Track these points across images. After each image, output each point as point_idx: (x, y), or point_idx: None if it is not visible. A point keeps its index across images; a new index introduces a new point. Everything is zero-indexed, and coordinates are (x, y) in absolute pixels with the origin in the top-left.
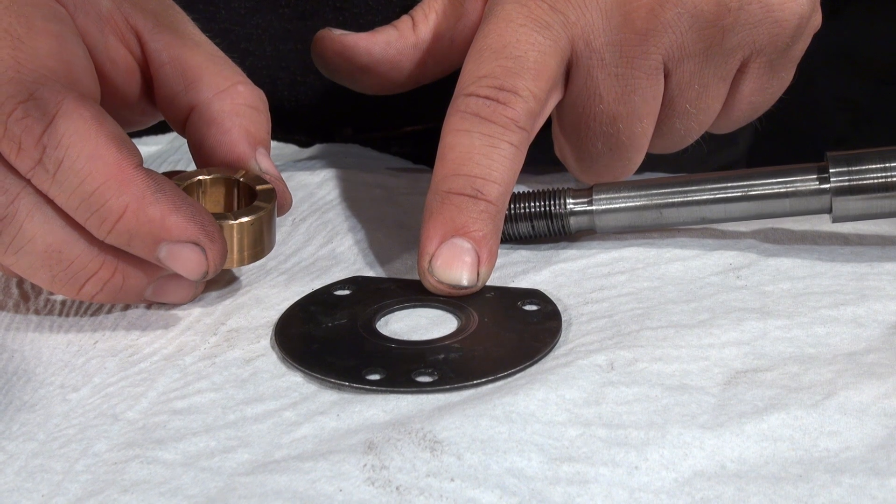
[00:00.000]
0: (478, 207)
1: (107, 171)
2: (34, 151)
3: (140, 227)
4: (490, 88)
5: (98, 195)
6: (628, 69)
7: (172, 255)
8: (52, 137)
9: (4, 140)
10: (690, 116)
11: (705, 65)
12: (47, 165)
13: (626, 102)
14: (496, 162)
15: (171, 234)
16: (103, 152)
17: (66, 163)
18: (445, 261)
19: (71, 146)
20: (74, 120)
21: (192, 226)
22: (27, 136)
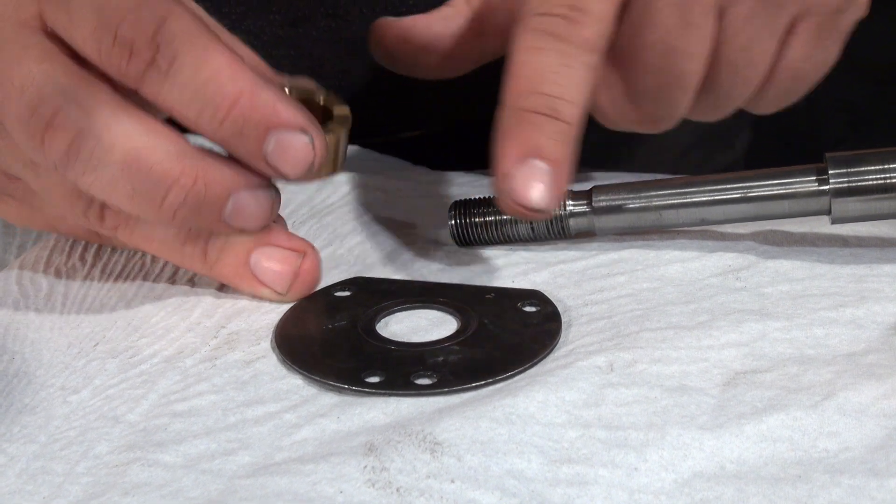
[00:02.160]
0: (555, 128)
1: (220, 60)
2: (147, 52)
3: (253, 113)
4: (562, 7)
5: (214, 82)
6: (684, 1)
7: (281, 145)
8: (164, 35)
9: (115, 50)
10: (737, 70)
11: (758, 10)
12: (160, 63)
13: (681, 36)
14: (573, 81)
15: (281, 119)
16: (215, 45)
17: (181, 57)
18: (522, 182)
19: (185, 41)
20: (185, 20)
21: (300, 114)
22: (141, 36)
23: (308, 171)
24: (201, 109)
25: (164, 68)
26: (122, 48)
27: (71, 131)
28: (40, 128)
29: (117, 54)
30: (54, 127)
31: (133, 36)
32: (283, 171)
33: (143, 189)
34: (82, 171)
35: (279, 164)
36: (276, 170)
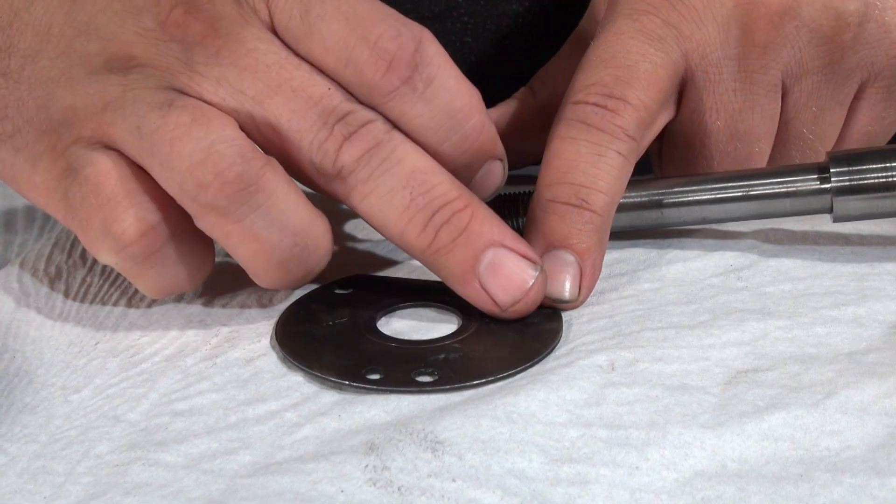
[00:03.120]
0: (582, 218)
1: (470, 90)
2: (405, 69)
3: (484, 145)
4: (599, 96)
5: (466, 113)
6: (747, 84)
7: (489, 172)
8: (423, 56)
9: (369, 61)
10: (807, 143)
11: (823, 84)
12: (416, 83)
13: (745, 120)
14: (603, 171)
15: (497, 150)
16: (462, 76)
17: (439, 80)
18: (547, 273)
19: (442, 66)
20: (438, 45)
21: (500, 143)
22: (402, 52)
23: (495, 194)
24: (448, 136)
25: (420, 89)
26: (381, 60)
27: (371, 141)
28: (344, 133)
29: (372, 65)
30: (359, 135)
31: (394, 50)
32: (479, 194)
33: (421, 202)
34: (367, 176)
35: (479, 188)
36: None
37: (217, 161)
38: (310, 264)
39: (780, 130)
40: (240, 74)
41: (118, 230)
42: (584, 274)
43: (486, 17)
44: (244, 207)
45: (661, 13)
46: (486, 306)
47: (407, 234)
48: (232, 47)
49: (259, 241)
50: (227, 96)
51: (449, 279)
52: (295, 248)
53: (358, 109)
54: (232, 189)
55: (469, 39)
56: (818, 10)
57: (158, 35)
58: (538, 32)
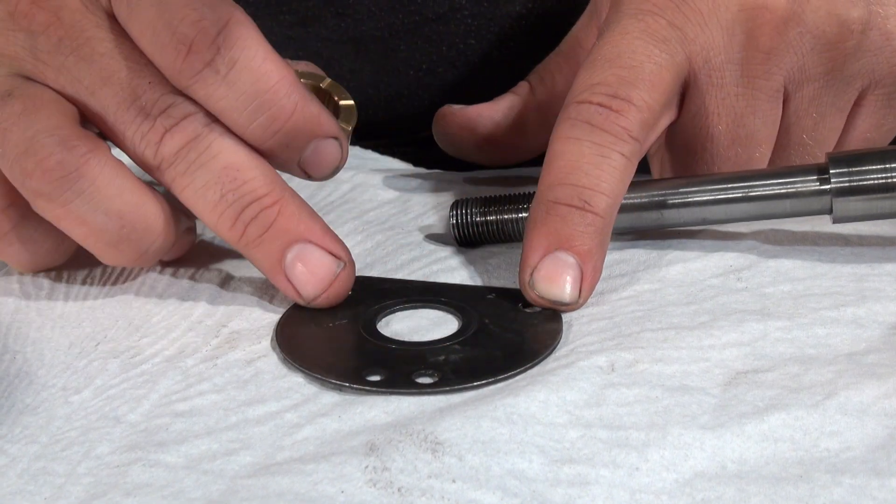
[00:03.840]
0: (584, 220)
1: (280, 71)
2: (207, 52)
3: (303, 125)
4: (603, 96)
5: (273, 93)
6: (750, 89)
7: (318, 151)
8: (226, 39)
9: (170, 45)
10: (806, 148)
11: (824, 91)
12: (219, 66)
13: (746, 125)
14: (606, 172)
15: (323, 129)
16: (272, 55)
17: (242, 62)
18: (547, 275)
19: (247, 47)
20: (246, 26)
21: (333, 121)
22: (202, 36)
23: (335, 172)
24: (254, 118)
25: (222, 72)
26: (181, 44)
27: (190, 134)
28: (165, 125)
29: (173, 50)
30: (179, 128)
31: (193, 34)
32: (313, 174)
33: (230, 198)
34: (184, 169)
35: (311, 169)
36: (307, 173)
37: (38, 150)
38: (144, 245)
39: (780, 135)
40: (77, 63)
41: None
42: (584, 276)
43: (490, 18)
44: (68, 193)
45: (667, 14)
46: (295, 298)
47: (219, 227)
48: (72, 36)
49: (86, 224)
50: (67, 84)
51: (260, 270)
52: (123, 230)
53: (179, 102)
54: (53, 176)
55: (472, 41)
56: (822, 17)
57: (9, 25)
58: (541, 34)
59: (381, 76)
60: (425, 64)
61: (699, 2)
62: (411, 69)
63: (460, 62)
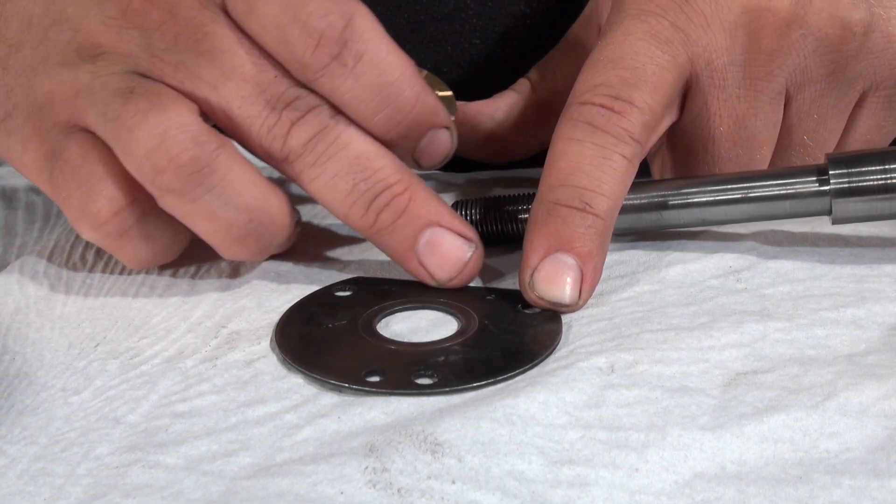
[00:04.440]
0: (585, 222)
1: (403, 63)
2: (334, 46)
3: (423, 115)
4: (605, 97)
5: (398, 85)
6: (752, 91)
7: (433, 141)
8: (353, 32)
9: (299, 39)
10: (807, 150)
11: (826, 93)
12: (346, 59)
13: (748, 126)
14: (607, 174)
15: (439, 120)
16: (395, 48)
17: (369, 55)
18: (547, 276)
19: (372, 40)
20: (370, 19)
21: (446, 112)
22: (330, 30)
23: (444, 161)
24: (380, 109)
25: (350, 65)
26: (309, 38)
27: (318, 126)
28: (292, 118)
29: (302, 44)
30: (306, 120)
31: (323, 27)
32: (425, 163)
33: (363, 187)
34: (313, 161)
35: (424, 158)
36: (418, 162)
37: (171, 146)
38: (267, 239)
39: (781, 137)
40: (196, 59)
41: (93, 210)
42: (584, 277)
43: (495, 18)
44: (199, 188)
45: (670, 16)
46: (427, 281)
47: (351, 216)
48: (189, 32)
49: (216, 220)
50: (186, 80)
51: (392, 256)
52: (251, 224)
53: (304, 95)
54: (185, 172)
55: (477, 41)
56: (824, 20)
57: (121, 23)
58: (546, 33)
59: None
60: (430, 64)
61: (702, 3)
62: None
63: (465, 62)
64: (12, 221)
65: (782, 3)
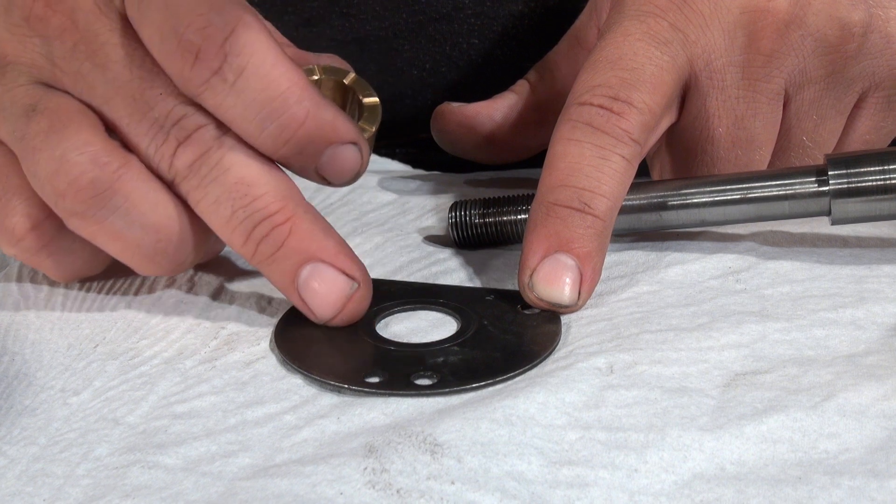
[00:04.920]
0: (584, 222)
1: (290, 76)
2: (214, 60)
3: (317, 132)
4: (604, 98)
5: (282, 101)
6: (750, 92)
7: (334, 158)
8: (234, 45)
9: (177, 52)
10: (806, 150)
11: (825, 93)
12: (226, 74)
13: (747, 127)
14: (606, 175)
15: (339, 135)
16: (282, 60)
17: (250, 69)
18: (546, 276)
19: (255, 53)
20: (255, 30)
21: (352, 126)
22: (208, 44)
23: (356, 178)
24: (264, 125)
25: (230, 80)
26: (187, 52)
27: (202, 147)
28: (178, 138)
29: (180, 58)
30: (191, 141)
31: (200, 42)
32: (332, 180)
33: (241, 215)
34: (197, 184)
35: (329, 175)
36: (325, 179)
37: (69, 169)
38: (181, 256)
39: (780, 138)
40: (92, 70)
41: (9, 225)
42: (584, 278)
43: (493, 17)
44: (102, 210)
45: (669, 16)
46: (310, 317)
47: (233, 243)
48: (87, 40)
49: (122, 240)
50: (84, 91)
51: (275, 287)
52: (159, 243)
53: (191, 114)
54: (86, 195)
55: (476, 41)
56: (823, 20)
57: (24, 31)
58: (544, 33)
59: (385, 76)
60: (428, 63)
61: (701, 4)
62: (415, 69)
63: (463, 62)
64: None
65: (781, 3)
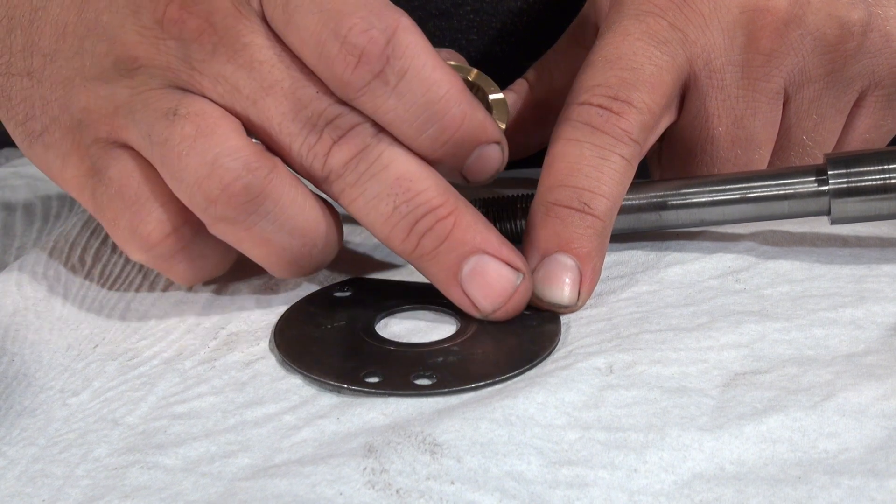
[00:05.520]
0: (584, 222)
1: (449, 79)
2: (376, 63)
3: (470, 133)
4: (604, 98)
5: (443, 104)
6: (750, 91)
7: (481, 158)
8: (396, 48)
9: (339, 56)
10: (806, 149)
11: (825, 92)
12: (388, 77)
13: (746, 126)
14: (605, 175)
15: (487, 135)
16: (441, 64)
17: (412, 72)
18: (546, 277)
19: (417, 56)
20: (414, 34)
21: (496, 126)
22: (372, 46)
23: (495, 177)
24: (424, 128)
25: (392, 83)
26: (349, 55)
27: (359, 145)
28: (333, 137)
29: (342, 61)
30: (347, 139)
31: (363, 44)
32: (474, 179)
33: (404, 210)
34: (354, 181)
35: (473, 174)
36: (467, 178)
37: (223, 175)
38: (320, 259)
39: (780, 137)
40: (235, 72)
41: (144, 232)
42: (583, 278)
43: (492, 14)
44: (253, 216)
45: (668, 16)
46: (470, 311)
47: (392, 240)
48: (227, 43)
49: (270, 245)
50: (225, 94)
51: (435, 283)
52: (304, 247)
53: (345, 113)
54: (239, 201)
55: (475, 37)
56: (823, 19)
57: (157, 33)
58: (543, 29)
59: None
60: None
61: (700, 4)
62: None
63: None
64: (11, 223)
65: (780, 3)
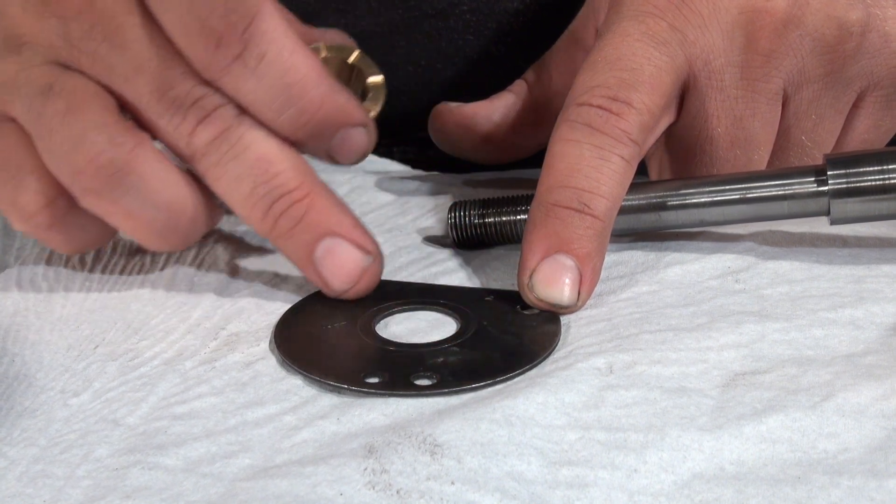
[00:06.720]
0: (583, 223)
1: (308, 63)
2: (236, 46)
3: (331, 115)
4: (603, 98)
5: (301, 86)
6: (749, 92)
7: (345, 139)
8: (255, 32)
9: (200, 38)
10: (805, 150)
11: (824, 93)
12: (248, 59)
13: (745, 127)
14: (605, 175)
15: (351, 118)
16: (301, 47)
17: (270, 56)
18: (546, 277)
19: (274, 41)
20: (275, 19)
21: (362, 109)
22: (230, 30)
23: (363, 158)
24: (283, 109)
25: (251, 65)
26: (209, 38)
27: (221, 126)
28: (197, 117)
29: (203, 42)
30: (210, 119)
31: (222, 28)
32: (341, 160)
33: (261, 191)
34: (217, 161)
35: (339, 156)
36: (334, 159)
37: (88, 149)
38: (190, 232)
39: (778, 137)
40: (110, 51)
41: (21, 203)
42: (583, 278)
43: (488, 14)
44: (118, 189)
45: (668, 17)
46: (325, 290)
47: (251, 219)
48: (104, 22)
49: (135, 218)
50: (102, 71)
51: (291, 261)
52: (170, 220)
53: (210, 94)
54: (103, 174)
55: (471, 37)
56: (821, 20)
57: (41, 10)
58: (540, 30)
59: (382, 73)
60: (423, 60)
61: (699, 4)
62: (410, 65)
63: (459, 58)
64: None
65: (779, 3)
